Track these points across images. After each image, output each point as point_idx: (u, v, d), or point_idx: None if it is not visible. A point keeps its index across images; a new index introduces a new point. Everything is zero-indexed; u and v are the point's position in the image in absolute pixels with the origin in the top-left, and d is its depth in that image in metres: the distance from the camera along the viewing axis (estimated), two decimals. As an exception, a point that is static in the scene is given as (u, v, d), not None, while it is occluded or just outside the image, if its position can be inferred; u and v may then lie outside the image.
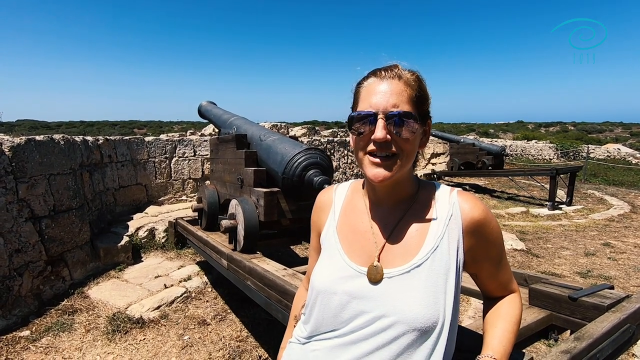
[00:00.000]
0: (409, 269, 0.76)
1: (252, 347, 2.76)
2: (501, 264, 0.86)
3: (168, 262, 4.14)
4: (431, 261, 0.75)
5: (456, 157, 10.32)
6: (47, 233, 3.27)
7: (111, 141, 5.31)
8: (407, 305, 0.72)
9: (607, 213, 7.06)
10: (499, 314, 0.87)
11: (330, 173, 2.73)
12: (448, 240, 0.77)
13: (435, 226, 0.78)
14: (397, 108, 0.73)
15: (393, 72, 0.76)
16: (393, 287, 0.75)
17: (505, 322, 0.84)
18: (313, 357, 0.80)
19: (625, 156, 14.93)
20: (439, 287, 0.74)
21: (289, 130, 7.88)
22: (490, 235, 0.81)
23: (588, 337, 1.08)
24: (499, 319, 0.86)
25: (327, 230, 0.89)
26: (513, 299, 0.89)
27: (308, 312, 0.86)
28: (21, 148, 3.09)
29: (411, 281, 0.75)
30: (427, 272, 0.75)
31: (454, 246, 0.77)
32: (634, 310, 1.26)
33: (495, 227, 0.82)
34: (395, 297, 0.74)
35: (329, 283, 0.81)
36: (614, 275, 3.97)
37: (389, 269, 0.77)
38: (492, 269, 0.85)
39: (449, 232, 0.78)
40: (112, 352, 2.62)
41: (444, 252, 0.76)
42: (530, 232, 5.71)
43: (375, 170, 0.74)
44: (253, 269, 2.28)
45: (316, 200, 0.98)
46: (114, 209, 5.23)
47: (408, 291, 0.74)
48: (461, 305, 3.28)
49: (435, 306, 0.72)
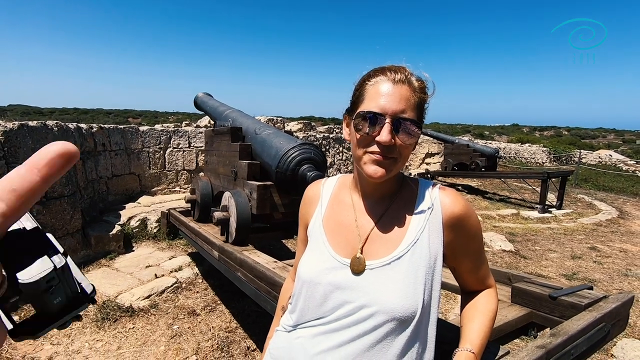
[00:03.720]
0: (390, 261, 0.79)
1: (240, 338, 2.79)
2: (480, 259, 0.89)
3: (159, 252, 4.15)
4: (411, 254, 0.78)
5: (450, 158, 10.40)
6: (38, 219, 3.26)
7: (105, 129, 5.29)
8: (387, 296, 0.75)
9: (596, 218, 7.17)
10: (476, 308, 0.90)
11: (324, 169, 2.75)
12: (428, 233, 0.80)
13: (416, 220, 0.81)
14: (404, 114, 0.75)
15: (403, 75, 0.77)
16: (374, 278, 0.78)
17: (483, 316, 0.88)
18: (297, 344, 0.83)
19: (617, 162, 15.13)
20: (418, 279, 0.77)
21: (284, 125, 7.88)
22: (470, 230, 0.84)
23: (564, 333, 1.13)
24: (477, 313, 0.89)
25: (314, 222, 0.92)
26: (489, 294, 0.92)
27: (294, 301, 0.89)
28: (14, 133, 3.07)
29: (392, 273, 0.78)
30: (407, 265, 0.78)
31: (435, 240, 0.80)
32: (609, 310, 1.31)
33: (475, 222, 0.85)
34: (376, 288, 0.77)
35: (314, 274, 0.84)
36: (598, 279, 4.06)
37: (371, 260, 0.80)
38: (470, 263, 0.89)
39: (430, 226, 0.80)
40: (100, 340, 2.63)
41: (424, 246, 0.79)
42: (519, 234, 5.79)
43: (373, 168, 0.76)
44: (244, 261, 2.31)
45: (304, 194, 1.00)
46: (106, 198, 5.21)
47: (388, 282, 0.77)
48: (447, 303, 3.33)
49: (415, 297, 0.75)
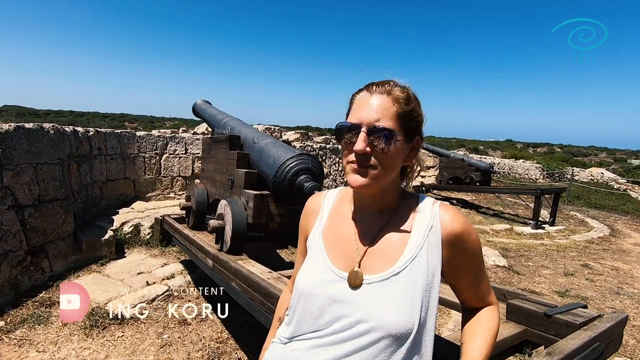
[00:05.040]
0: (388, 276, 0.79)
1: (232, 349, 2.75)
2: (479, 276, 0.89)
3: (152, 259, 4.09)
4: (409, 270, 0.78)
5: (445, 171, 10.46)
6: (30, 222, 3.22)
7: (102, 133, 5.26)
8: (384, 312, 0.75)
9: (588, 235, 7.23)
10: (477, 325, 0.90)
11: (321, 179, 2.76)
12: (427, 250, 0.80)
13: (415, 236, 0.81)
14: (380, 123, 0.77)
15: (384, 87, 0.80)
16: (372, 293, 0.78)
17: (485, 333, 0.87)
18: (293, 357, 0.82)
19: (608, 180, 15.35)
20: (416, 296, 0.76)
21: (282, 134, 7.90)
22: (470, 247, 0.84)
23: (559, 352, 1.13)
24: (478, 330, 0.88)
25: (314, 234, 0.92)
26: (491, 311, 0.91)
27: (291, 313, 0.88)
28: (9, 135, 3.05)
29: (389, 288, 0.77)
30: (405, 281, 0.77)
31: (433, 257, 0.80)
32: (604, 329, 1.32)
33: (474, 239, 0.85)
34: (373, 303, 0.77)
35: (311, 286, 0.84)
36: (590, 296, 4.07)
37: (368, 275, 0.80)
38: (470, 280, 0.88)
39: (429, 243, 0.80)
40: (88, 348, 2.57)
41: (422, 262, 0.79)
42: (512, 250, 5.82)
43: (353, 177, 0.79)
44: (238, 270, 2.28)
45: (305, 205, 1.00)
46: (99, 202, 5.15)
47: (385, 298, 0.77)
48: (441, 317, 3.32)
49: (411, 314, 0.75)
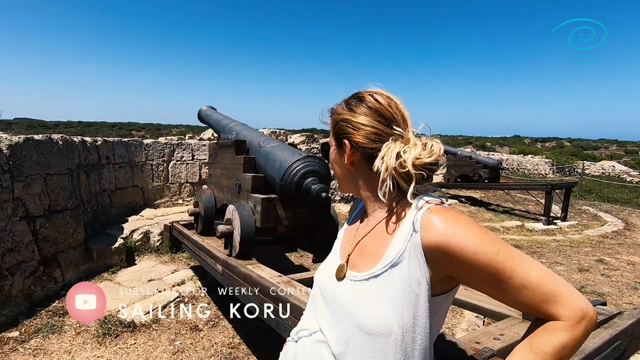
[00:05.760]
0: (368, 277, 0.79)
1: (244, 355, 2.74)
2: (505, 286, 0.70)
3: (162, 266, 4.11)
4: (389, 274, 0.75)
5: (453, 169, 10.37)
6: (41, 233, 3.25)
7: (109, 142, 5.31)
8: (360, 311, 0.77)
9: (601, 229, 7.10)
10: (527, 340, 0.73)
11: (328, 181, 2.74)
12: (409, 256, 0.75)
13: (397, 241, 0.77)
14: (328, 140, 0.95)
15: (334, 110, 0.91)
16: (353, 291, 0.81)
17: (526, 350, 0.70)
18: (302, 354, 0.88)
19: (620, 174, 15.07)
20: (395, 300, 0.73)
21: (287, 137, 7.90)
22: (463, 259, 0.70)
23: (580, 352, 1.09)
24: (518, 347, 0.73)
25: (341, 231, 1.01)
26: (555, 329, 0.68)
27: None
28: (19, 147, 3.09)
29: (368, 289, 0.78)
30: (384, 284, 0.76)
31: (414, 264, 0.74)
32: (625, 327, 1.28)
33: (469, 252, 0.69)
34: (353, 301, 0.79)
35: (318, 273, 0.94)
36: (607, 292, 3.98)
37: (354, 272, 0.83)
38: (493, 292, 0.73)
39: (410, 249, 0.75)
40: (101, 356, 2.59)
41: (403, 267, 0.75)
42: (524, 246, 5.73)
43: None
44: (248, 275, 2.28)
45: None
46: (109, 211, 5.20)
47: (364, 298, 0.78)
48: (454, 318, 3.27)
49: (389, 317, 0.73)
